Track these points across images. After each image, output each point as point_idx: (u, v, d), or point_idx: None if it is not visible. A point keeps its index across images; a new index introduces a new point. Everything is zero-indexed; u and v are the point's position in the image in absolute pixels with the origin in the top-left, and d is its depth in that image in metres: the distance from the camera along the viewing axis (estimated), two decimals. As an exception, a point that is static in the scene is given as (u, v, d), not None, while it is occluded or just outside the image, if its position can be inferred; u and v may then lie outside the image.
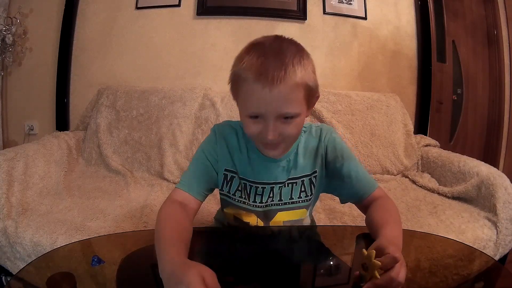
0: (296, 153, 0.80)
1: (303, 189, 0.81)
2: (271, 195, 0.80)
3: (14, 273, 1.10)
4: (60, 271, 0.64)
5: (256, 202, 0.81)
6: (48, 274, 0.62)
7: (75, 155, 1.72)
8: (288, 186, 0.80)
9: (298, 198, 0.81)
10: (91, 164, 1.71)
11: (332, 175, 0.80)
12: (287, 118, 0.66)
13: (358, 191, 0.79)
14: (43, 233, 1.08)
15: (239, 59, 0.67)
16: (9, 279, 1.17)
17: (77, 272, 0.62)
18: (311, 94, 0.69)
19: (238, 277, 0.58)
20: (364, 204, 0.80)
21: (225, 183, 0.81)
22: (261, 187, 0.80)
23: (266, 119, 0.66)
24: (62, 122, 1.91)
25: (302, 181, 0.80)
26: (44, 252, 0.74)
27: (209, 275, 0.49)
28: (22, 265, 1.06)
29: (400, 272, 0.53)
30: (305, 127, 0.82)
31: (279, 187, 0.80)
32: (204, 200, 0.79)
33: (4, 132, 1.96)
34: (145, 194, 1.44)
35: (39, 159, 1.44)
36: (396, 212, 0.74)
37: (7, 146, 1.89)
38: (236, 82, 0.68)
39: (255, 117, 0.67)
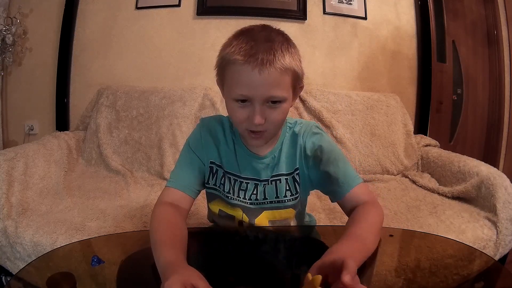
0: (280, 150, 0.79)
1: (287, 188, 0.80)
2: (254, 192, 0.80)
3: (14, 273, 1.10)
4: (60, 271, 0.64)
5: (240, 197, 0.80)
6: (48, 274, 0.62)
7: (75, 155, 1.72)
8: (271, 183, 0.79)
9: (284, 197, 0.80)
10: (91, 164, 1.71)
11: (312, 172, 0.78)
12: (274, 102, 0.66)
13: (336, 187, 0.74)
14: (43, 233, 1.08)
15: (227, 44, 0.68)
16: (9, 279, 1.17)
17: (77, 272, 0.62)
18: (297, 81, 0.70)
19: (238, 278, 0.58)
20: (345, 202, 0.75)
21: (211, 176, 0.81)
22: (245, 183, 0.79)
23: (253, 102, 0.66)
24: (62, 122, 1.91)
25: (286, 179, 0.79)
26: (44, 252, 0.73)
27: (197, 281, 0.48)
28: (22, 265, 1.05)
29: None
30: (290, 124, 0.81)
31: (263, 184, 0.79)
32: (196, 197, 0.79)
33: (4, 132, 1.96)
34: (145, 194, 1.44)
35: (39, 159, 1.44)
36: (375, 224, 0.67)
37: (7, 146, 1.89)
38: (224, 66, 0.69)
39: (241, 101, 0.67)
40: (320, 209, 1.34)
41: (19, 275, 0.61)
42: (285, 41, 0.68)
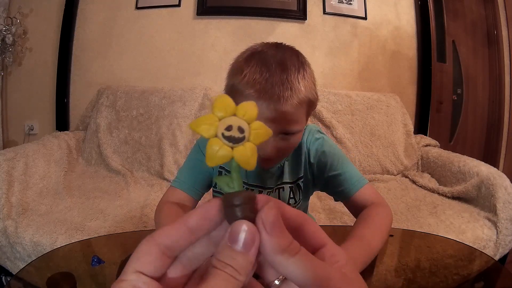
0: (287, 159, 0.78)
1: (291, 196, 0.79)
2: None
3: (14, 273, 1.10)
4: (60, 271, 0.64)
5: None
6: (48, 274, 0.62)
7: (75, 155, 1.72)
8: (275, 191, 0.79)
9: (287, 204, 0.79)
10: (91, 164, 1.71)
11: (317, 178, 0.78)
12: (287, 134, 0.64)
13: (342, 189, 0.74)
14: (43, 233, 1.08)
15: (238, 70, 0.63)
16: (9, 279, 1.17)
17: (77, 272, 0.62)
18: (311, 107, 0.68)
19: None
20: (352, 204, 0.74)
21: None
22: (251, 189, 0.79)
23: None
24: (62, 122, 1.91)
25: (290, 187, 0.79)
26: (44, 252, 0.74)
27: None
28: (22, 265, 1.06)
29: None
30: None
31: (268, 192, 0.79)
32: (200, 199, 0.79)
33: (4, 132, 1.96)
34: (145, 194, 1.44)
35: (39, 159, 1.44)
36: (383, 226, 0.65)
37: (7, 146, 1.89)
38: (234, 95, 0.64)
39: None
40: (320, 209, 1.34)
41: (19, 275, 0.61)
42: (300, 65, 0.63)
